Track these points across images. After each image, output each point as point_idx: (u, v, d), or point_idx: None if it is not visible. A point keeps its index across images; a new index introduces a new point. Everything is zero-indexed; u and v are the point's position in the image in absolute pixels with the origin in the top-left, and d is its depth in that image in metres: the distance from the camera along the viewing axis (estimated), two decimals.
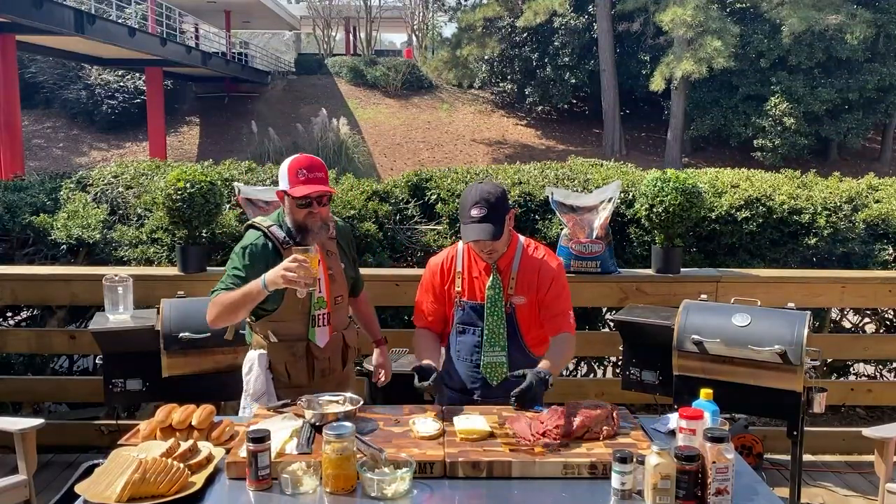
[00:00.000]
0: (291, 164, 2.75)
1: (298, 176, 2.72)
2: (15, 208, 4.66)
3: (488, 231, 2.65)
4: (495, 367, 2.82)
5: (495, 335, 2.81)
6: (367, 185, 4.82)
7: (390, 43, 56.16)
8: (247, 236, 2.82)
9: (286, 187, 2.74)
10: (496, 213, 2.66)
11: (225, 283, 2.73)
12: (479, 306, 2.82)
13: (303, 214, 2.73)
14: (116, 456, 2.20)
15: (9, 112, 17.60)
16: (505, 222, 2.70)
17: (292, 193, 2.72)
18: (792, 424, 3.28)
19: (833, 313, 4.79)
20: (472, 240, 2.69)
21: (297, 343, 2.81)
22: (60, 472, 4.05)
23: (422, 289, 2.96)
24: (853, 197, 4.78)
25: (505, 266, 2.80)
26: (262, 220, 2.85)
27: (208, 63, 26.71)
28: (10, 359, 4.63)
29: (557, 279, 2.81)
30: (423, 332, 2.94)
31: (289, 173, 2.73)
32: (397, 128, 28.83)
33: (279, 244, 2.76)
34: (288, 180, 2.74)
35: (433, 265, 2.93)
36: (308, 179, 2.72)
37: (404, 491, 2.08)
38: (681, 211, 4.00)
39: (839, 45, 23.24)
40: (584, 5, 27.56)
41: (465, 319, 2.85)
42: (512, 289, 2.80)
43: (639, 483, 2.08)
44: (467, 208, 2.68)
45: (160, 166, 5.22)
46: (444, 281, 2.88)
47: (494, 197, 2.67)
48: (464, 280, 2.84)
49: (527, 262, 2.81)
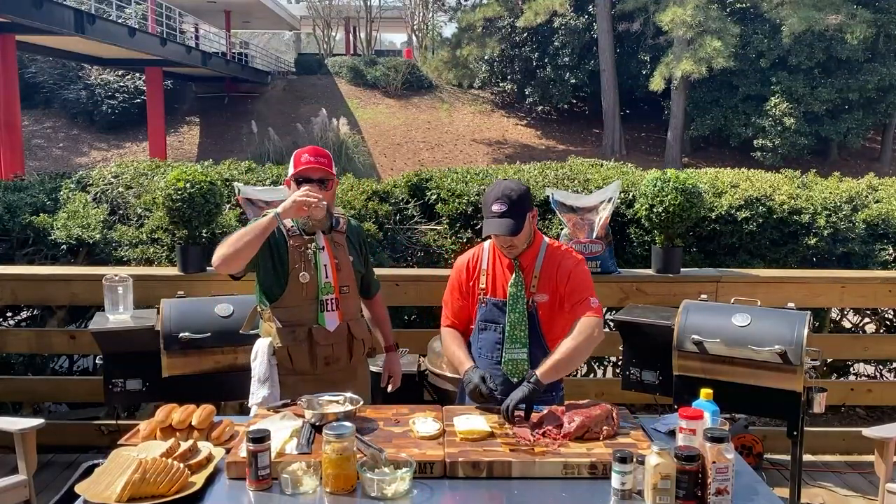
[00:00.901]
0: (298, 151, 2.93)
1: (302, 160, 2.88)
2: (15, 208, 4.66)
3: (507, 226, 2.69)
4: (516, 364, 2.84)
5: (516, 332, 2.83)
6: (367, 185, 4.82)
7: (390, 43, 56.16)
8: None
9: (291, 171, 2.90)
10: (517, 209, 2.71)
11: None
12: (501, 303, 2.84)
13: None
14: (116, 456, 2.20)
15: (9, 112, 17.59)
16: (525, 219, 2.74)
17: (294, 172, 2.87)
18: (792, 424, 3.28)
19: (833, 313, 4.79)
20: (491, 234, 2.75)
21: (299, 328, 2.85)
22: (60, 472, 4.05)
23: (449, 287, 2.99)
24: (853, 197, 4.78)
25: (528, 264, 2.83)
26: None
27: (208, 63, 26.70)
28: (10, 359, 4.62)
29: (577, 268, 2.83)
30: (451, 333, 2.96)
31: (294, 160, 2.91)
32: (397, 128, 28.83)
33: (286, 231, 2.86)
34: (293, 165, 2.91)
35: (460, 263, 2.98)
36: (310, 161, 2.86)
37: (404, 491, 2.08)
38: (681, 211, 4.00)
39: (839, 45, 23.23)
40: (584, 5, 27.55)
41: (487, 316, 2.88)
42: (534, 287, 2.83)
43: (639, 483, 2.08)
44: (489, 204, 2.74)
45: (160, 166, 5.22)
46: (469, 277, 2.92)
47: (516, 194, 2.73)
48: (488, 277, 2.88)
49: (550, 260, 2.84)
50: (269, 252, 2.83)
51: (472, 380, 2.67)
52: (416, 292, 4.16)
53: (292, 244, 2.86)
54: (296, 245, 2.86)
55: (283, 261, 2.85)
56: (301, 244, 2.87)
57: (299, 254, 2.86)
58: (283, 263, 2.85)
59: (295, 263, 2.85)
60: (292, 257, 2.85)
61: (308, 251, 2.86)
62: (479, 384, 2.63)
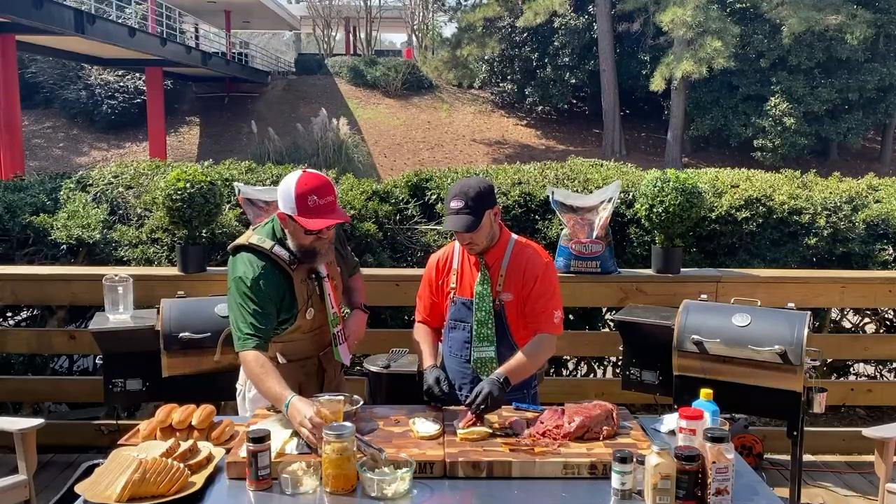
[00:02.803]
0: (299, 188, 2.49)
1: (309, 203, 2.48)
2: (15, 208, 4.66)
3: (463, 223, 2.69)
4: (485, 363, 2.85)
5: (484, 330, 2.84)
6: (367, 185, 4.82)
7: (390, 43, 56.16)
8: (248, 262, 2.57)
9: (293, 213, 2.50)
10: (474, 205, 2.70)
11: (248, 325, 2.50)
12: (469, 302, 2.86)
13: (310, 240, 2.57)
14: (116, 456, 2.20)
15: (9, 112, 17.59)
16: (483, 216, 2.71)
17: (306, 226, 2.49)
18: (792, 424, 3.28)
19: (833, 313, 4.79)
20: (448, 230, 2.76)
21: (308, 361, 2.78)
22: (60, 472, 4.05)
23: (422, 284, 3.02)
24: (853, 197, 4.78)
25: (494, 262, 2.84)
26: (259, 240, 2.61)
27: (208, 63, 26.70)
28: (10, 359, 4.62)
29: (543, 277, 2.81)
30: (422, 328, 2.98)
31: (297, 200, 2.48)
32: (397, 128, 28.82)
33: (287, 266, 2.58)
34: (296, 207, 2.49)
35: (432, 261, 3.00)
36: (319, 207, 2.49)
37: (404, 491, 2.08)
38: (681, 211, 3.99)
39: (839, 46, 23.23)
40: (584, 5, 27.56)
41: (456, 315, 2.89)
42: (500, 286, 2.83)
43: (639, 483, 2.08)
44: (448, 201, 2.76)
45: (160, 166, 5.21)
46: (439, 275, 2.94)
47: (474, 191, 2.71)
48: (458, 276, 2.90)
49: (516, 260, 2.84)
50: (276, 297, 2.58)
51: (427, 380, 2.70)
52: (416, 292, 4.14)
53: (298, 279, 2.63)
54: (301, 279, 2.64)
55: (291, 299, 2.62)
56: (304, 275, 2.66)
57: (307, 289, 2.67)
58: (291, 302, 2.62)
59: (304, 298, 2.65)
60: (300, 295, 2.64)
61: (313, 284, 2.70)
62: (432, 385, 2.66)
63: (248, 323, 2.51)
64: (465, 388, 2.89)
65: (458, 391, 2.89)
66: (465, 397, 2.84)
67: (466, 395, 2.86)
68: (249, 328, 2.51)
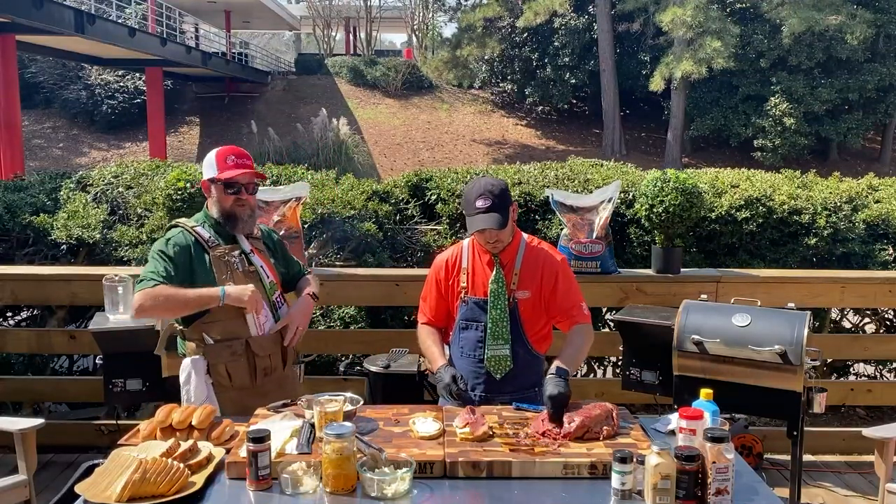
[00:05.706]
0: (219, 152, 2.79)
1: (227, 161, 2.74)
2: (15, 208, 4.66)
3: (495, 220, 2.70)
4: (499, 361, 2.84)
5: (498, 329, 2.83)
6: (367, 185, 4.82)
7: (390, 43, 56.17)
8: (170, 232, 2.80)
9: (214, 174, 2.75)
10: (500, 203, 2.72)
11: (156, 273, 2.66)
12: (482, 302, 2.85)
13: (231, 202, 2.76)
14: (116, 456, 2.19)
15: (9, 112, 17.59)
16: (509, 213, 2.76)
17: (221, 177, 2.73)
18: (792, 424, 3.27)
19: (833, 313, 4.79)
20: (479, 229, 2.74)
21: (236, 341, 2.76)
22: (60, 472, 4.05)
23: (427, 285, 3.00)
24: (853, 197, 4.78)
25: (508, 261, 2.84)
26: (185, 221, 2.84)
27: (208, 63, 26.70)
28: (10, 359, 4.62)
29: (564, 273, 2.86)
30: (427, 330, 2.97)
31: (217, 160, 2.76)
32: (397, 128, 28.82)
33: (204, 242, 2.75)
34: (216, 166, 2.75)
35: (439, 261, 2.98)
36: (237, 164, 2.74)
37: (404, 491, 2.08)
38: (681, 211, 3.99)
39: (839, 45, 23.23)
40: (584, 5, 27.55)
41: (468, 315, 2.88)
42: (515, 283, 2.83)
43: (639, 483, 2.08)
44: (472, 200, 2.73)
45: (160, 166, 5.22)
46: (448, 276, 2.92)
47: (498, 188, 2.74)
48: (469, 275, 2.88)
49: (530, 257, 2.85)
50: (189, 276, 2.70)
51: (444, 378, 2.70)
52: (416, 292, 4.09)
53: (214, 255, 2.75)
54: (218, 255, 2.75)
55: (208, 276, 2.72)
56: (222, 253, 2.76)
57: (224, 264, 2.74)
58: (209, 279, 2.71)
59: (222, 275, 2.73)
60: (218, 269, 2.73)
61: (232, 259, 2.76)
62: (449, 383, 2.67)
63: (153, 270, 2.67)
64: (479, 388, 2.88)
65: (472, 391, 2.88)
66: (478, 397, 2.85)
67: (479, 394, 2.86)
68: (153, 274, 2.66)
